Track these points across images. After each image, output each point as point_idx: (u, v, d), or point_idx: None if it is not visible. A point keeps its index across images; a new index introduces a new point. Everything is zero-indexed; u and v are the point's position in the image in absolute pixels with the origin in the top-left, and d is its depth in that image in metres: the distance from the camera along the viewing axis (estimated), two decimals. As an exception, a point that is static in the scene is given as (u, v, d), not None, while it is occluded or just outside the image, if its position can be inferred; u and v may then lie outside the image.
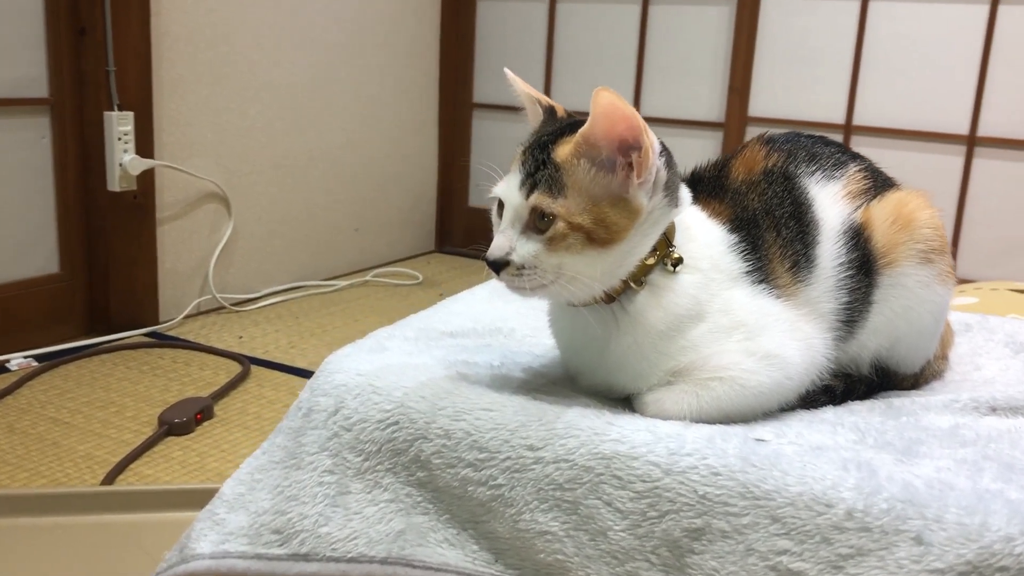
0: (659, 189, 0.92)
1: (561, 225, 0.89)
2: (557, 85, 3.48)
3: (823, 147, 1.06)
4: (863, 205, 1.02)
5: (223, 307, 2.81)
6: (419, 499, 0.95)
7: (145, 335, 2.55)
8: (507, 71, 1.00)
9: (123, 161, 2.45)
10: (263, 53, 2.85)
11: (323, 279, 3.18)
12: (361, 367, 1.03)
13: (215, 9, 2.67)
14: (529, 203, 0.90)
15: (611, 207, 0.90)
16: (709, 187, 1.02)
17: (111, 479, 1.72)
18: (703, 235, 0.96)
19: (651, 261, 0.93)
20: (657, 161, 0.91)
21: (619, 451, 0.87)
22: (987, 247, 2.88)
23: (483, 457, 0.92)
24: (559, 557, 0.88)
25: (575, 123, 0.93)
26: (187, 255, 2.73)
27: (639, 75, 3.33)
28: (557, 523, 0.88)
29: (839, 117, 3.03)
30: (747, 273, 0.95)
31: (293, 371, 2.35)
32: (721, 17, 3.17)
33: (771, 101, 3.14)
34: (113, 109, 2.44)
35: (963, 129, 2.88)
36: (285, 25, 2.91)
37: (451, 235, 3.76)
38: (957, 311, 1.36)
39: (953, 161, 2.91)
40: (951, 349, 1.18)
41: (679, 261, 0.93)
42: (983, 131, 2.87)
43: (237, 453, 1.87)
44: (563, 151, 0.91)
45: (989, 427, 0.95)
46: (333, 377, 1.02)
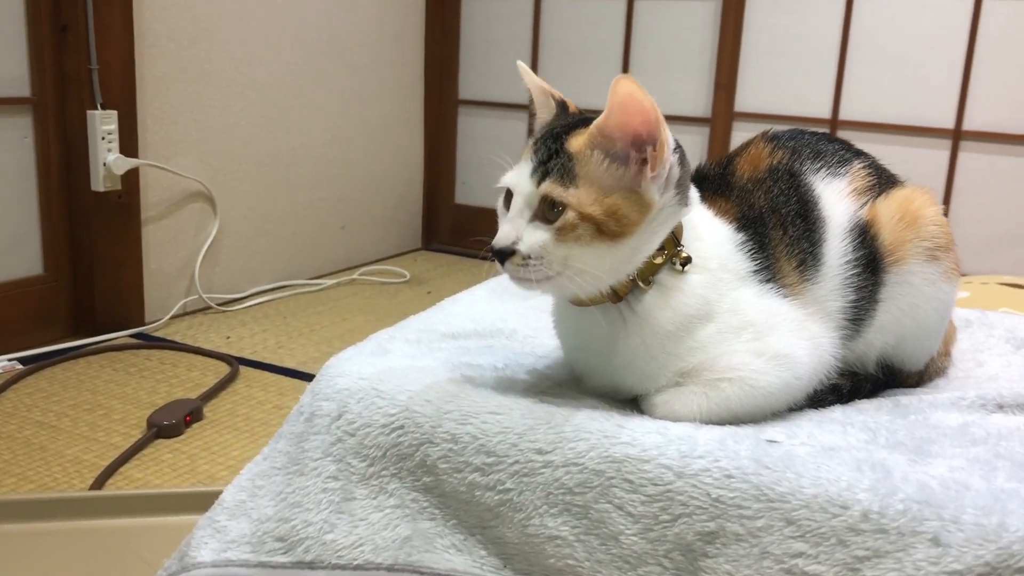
0: (671, 186, 0.91)
1: (571, 215, 0.87)
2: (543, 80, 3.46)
3: (827, 144, 1.06)
4: (869, 202, 1.02)
5: (209, 307, 2.78)
6: (425, 504, 0.93)
7: (131, 336, 2.52)
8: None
9: (107, 160, 2.42)
10: (247, 50, 2.82)
11: (310, 278, 3.16)
12: (363, 371, 1.02)
13: (198, 6, 2.64)
14: (540, 191, 0.89)
15: (623, 199, 0.88)
16: (714, 185, 1.01)
17: (100, 483, 1.70)
18: (711, 234, 0.95)
19: (659, 260, 0.92)
20: (671, 157, 0.90)
21: (630, 454, 0.86)
22: (974, 241, 2.89)
23: (491, 461, 0.90)
24: (569, 562, 0.87)
25: (588, 119, 0.92)
26: (173, 255, 2.70)
27: (625, 71, 3.32)
28: (567, 528, 0.87)
29: (825, 112, 3.03)
30: (755, 272, 0.94)
31: (282, 371, 2.32)
32: (707, 12, 3.17)
33: (757, 96, 3.14)
34: (96, 108, 2.40)
35: (949, 123, 2.89)
36: (269, 22, 2.88)
37: (437, 232, 3.74)
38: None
39: (939, 155, 2.92)
40: (953, 346, 1.17)
41: (688, 260, 0.92)
42: (968, 125, 2.87)
43: (228, 455, 1.85)
44: (577, 142, 0.90)
45: (998, 425, 0.95)
46: (335, 381, 1.01)
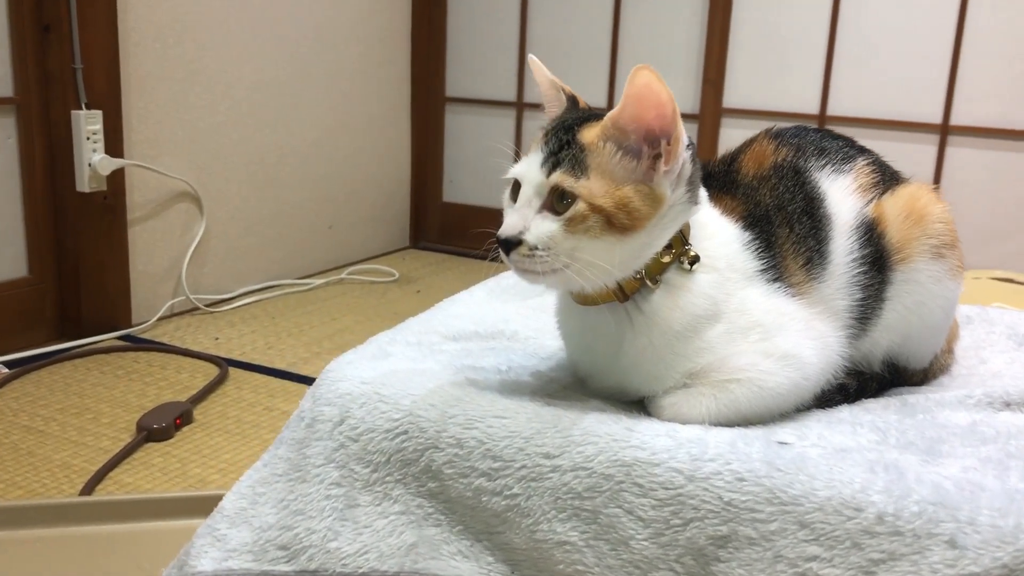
0: (683, 182, 0.90)
1: (582, 206, 0.86)
2: (531, 78, 3.45)
3: (831, 141, 1.05)
4: (874, 199, 1.01)
5: (197, 308, 2.75)
6: (431, 510, 0.92)
7: (118, 338, 2.49)
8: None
9: (92, 161, 2.38)
10: (233, 49, 2.79)
11: (298, 278, 3.13)
12: (365, 375, 1.00)
13: (183, 4, 2.61)
14: (550, 181, 0.88)
15: (635, 192, 0.87)
16: (720, 182, 1.00)
17: (90, 488, 1.68)
18: (718, 233, 0.94)
19: (667, 259, 0.91)
20: (684, 153, 0.89)
21: (639, 458, 0.85)
22: (962, 236, 2.88)
23: (497, 466, 0.89)
24: (579, 568, 0.85)
25: (600, 114, 0.91)
26: (159, 256, 2.67)
27: (613, 67, 3.31)
28: (576, 533, 0.86)
29: (813, 108, 3.03)
30: (762, 271, 0.93)
31: (272, 372, 2.30)
32: (695, 8, 3.16)
33: (746, 92, 3.13)
34: (81, 108, 2.37)
35: (936, 118, 2.90)
36: (254, 20, 2.85)
37: (426, 231, 3.72)
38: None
39: (927, 150, 2.93)
40: (956, 343, 1.17)
41: (696, 259, 0.91)
42: (956, 120, 2.88)
43: (219, 458, 1.83)
44: (589, 133, 0.89)
45: (1007, 423, 0.94)
46: (337, 386, 0.99)
